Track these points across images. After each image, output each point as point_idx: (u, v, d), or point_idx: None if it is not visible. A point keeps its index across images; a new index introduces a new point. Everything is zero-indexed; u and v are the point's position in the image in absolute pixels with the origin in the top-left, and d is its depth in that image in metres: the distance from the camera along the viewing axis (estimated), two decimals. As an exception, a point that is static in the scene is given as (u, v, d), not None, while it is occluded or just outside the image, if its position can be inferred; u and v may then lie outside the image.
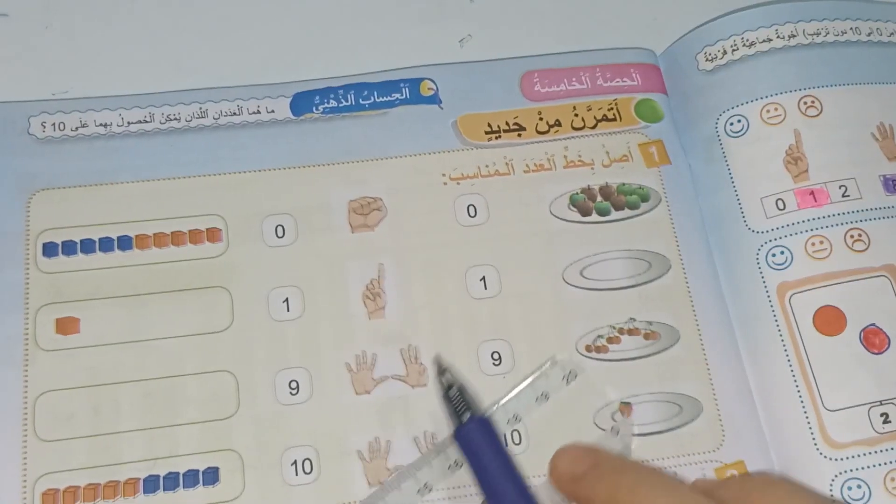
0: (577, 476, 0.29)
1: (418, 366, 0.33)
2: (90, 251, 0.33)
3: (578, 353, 0.33)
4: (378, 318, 0.33)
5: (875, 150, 0.36)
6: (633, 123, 0.37)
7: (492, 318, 0.33)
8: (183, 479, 0.31)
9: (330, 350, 0.33)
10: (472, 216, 0.35)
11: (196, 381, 0.32)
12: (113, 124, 0.35)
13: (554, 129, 0.37)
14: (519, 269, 0.34)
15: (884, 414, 0.32)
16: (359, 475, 0.31)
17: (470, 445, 0.29)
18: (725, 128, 0.37)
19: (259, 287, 0.33)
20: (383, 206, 0.35)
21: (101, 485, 0.30)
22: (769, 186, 0.35)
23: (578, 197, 0.35)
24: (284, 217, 0.34)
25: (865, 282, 0.34)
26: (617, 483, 0.28)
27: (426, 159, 0.36)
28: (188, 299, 0.33)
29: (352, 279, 0.34)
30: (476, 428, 0.29)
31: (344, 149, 0.36)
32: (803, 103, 0.36)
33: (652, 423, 0.32)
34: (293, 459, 0.31)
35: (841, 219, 0.35)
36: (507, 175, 0.36)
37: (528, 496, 0.29)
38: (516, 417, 0.32)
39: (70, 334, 0.32)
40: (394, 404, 0.32)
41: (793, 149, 0.36)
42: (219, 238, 0.34)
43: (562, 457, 0.29)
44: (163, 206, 0.34)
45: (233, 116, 0.36)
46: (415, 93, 0.37)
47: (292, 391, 0.32)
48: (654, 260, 0.35)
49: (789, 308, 0.34)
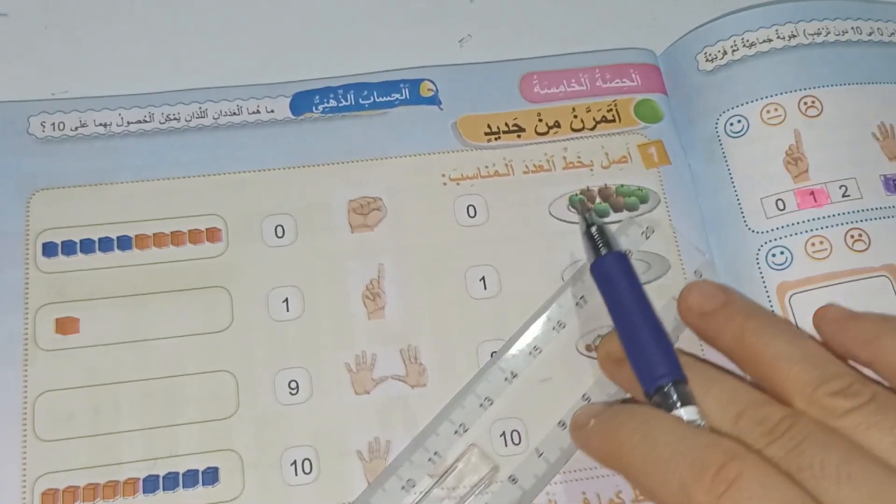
0: (706, 312, 0.31)
1: (418, 366, 0.33)
2: (90, 251, 0.33)
3: (579, 353, 0.33)
4: (378, 319, 0.33)
5: (876, 150, 0.36)
6: (632, 124, 0.37)
7: (492, 319, 0.34)
8: (182, 479, 0.31)
9: (330, 350, 0.33)
10: (472, 217, 0.35)
11: (196, 381, 0.32)
12: (112, 124, 0.35)
13: (553, 130, 0.37)
14: (518, 270, 0.34)
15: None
16: (359, 475, 0.31)
17: (605, 276, 0.31)
18: (725, 128, 0.37)
19: (259, 287, 0.33)
20: (383, 206, 0.35)
21: (100, 485, 0.30)
22: (769, 187, 0.35)
23: (577, 198, 0.35)
24: (284, 217, 0.34)
25: (866, 282, 0.34)
26: (744, 325, 0.29)
27: (426, 160, 0.36)
28: (188, 299, 0.33)
29: (351, 279, 0.34)
30: (613, 260, 0.31)
31: (344, 149, 0.36)
32: (803, 103, 0.36)
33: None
34: (293, 459, 0.31)
35: (841, 219, 0.35)
36: (507, 176, 0.36)
37: (659, 326, 0.30)
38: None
39: (70, 334, 0.32)
40: (393, 404, 0.32)
41: (793, 149, 0.36)
42: (218, 238, 0.34)
43: (693, 292, 0.31)
44: (162, 206, 0.34)
45: (232, 116, 0.36)
46: (414, 93, 0.37)
47: (292, 391, 0.32)
48: (654, 261, 0.35)
49: (789, 308, 0.34)
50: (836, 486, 0.24)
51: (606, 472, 0.31)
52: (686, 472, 0.25)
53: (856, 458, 0.25)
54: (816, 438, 0.25)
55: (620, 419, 0.28)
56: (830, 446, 0.25)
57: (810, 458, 0.25)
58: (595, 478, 0.31)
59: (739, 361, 0.30)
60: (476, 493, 0.30)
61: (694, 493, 0.24)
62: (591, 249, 0.32)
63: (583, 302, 0.33)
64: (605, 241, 0.32)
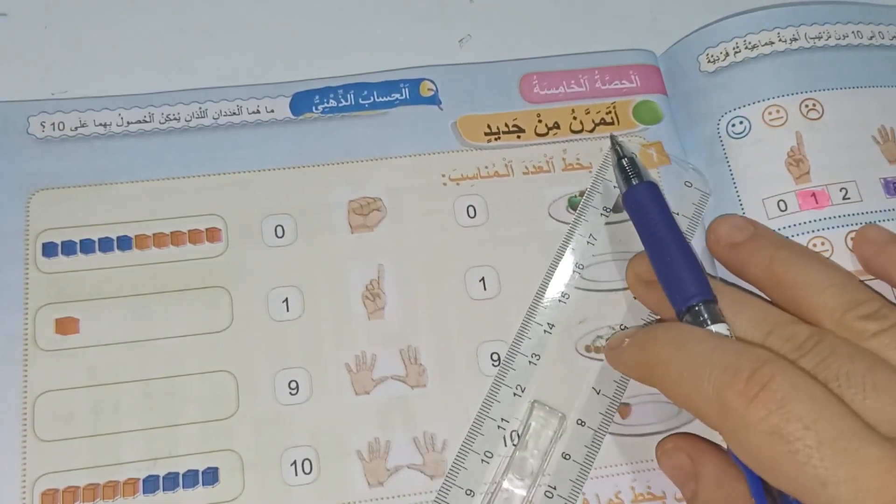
0: (735, 243, 0.32)
1: (418, 366, 0.33)
2: (90, 251, 0.33)
3: (579, 354, 0.33)
4: (378, 319, 0.33)
5: (876, 153, 0.36)
6: (630, 127, 0.37)
7: (491, 319, 0.34)
8: (182, 479, 0.31)
9: (329, 350, 0.33)
10: (472, 217, 0.35)
11: (196, 381, 0.32)
12: (112, 124, 0.35)
13: (553, 131, 0.37)
14: (518, 271, 0.34)
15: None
16: (358, 475, 0.31)
17: (637, 205, 0.32)
18: (727, 129, 0.37)
19: (259, 287, 0.33)
20: (383, 207, 0.35)
21: (100, 485, 0.30)
22: (771, 188, 0.36)
23: (576, 200, 0.36)
24: (284, 217, 0.34)
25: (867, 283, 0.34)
26: (773, 255, 0.31)
27: (426, 160, 0.36)
28: (188, 299, 0.33)
29: (351, 279, 0.34)
30: (644, 189, 0.32)
31: (344, 149, 0.36)
32: (805, 106, 0.36)
33: (651, 424, 0.32)
34: (293, 459, 0.31)
35: (842, 221, 0.35)
36: (507, 176, 0.36)
37: (689, 249, 0.31)
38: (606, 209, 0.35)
39: (70, 334, 0.32)
40: (393, 405, 0.32)
41: (794, 151, 0.36)
42: (218, 238, 0.34)
43: (722, 223, 0.33)
44: (162, 206, 0.34)
45: (232, 116, 0.36)
46: (414, 93, 0.37)
47: (292, 391, 0.32)
48: None
49: None
50: (862, 394, 0.25)
51: (606, 473, 0.32)
52: (720, 377, 0.25)
53: (880, 369, 0.26)
54: (843, 352, 0.26)
55: (654, 334, 0.29)
56: (856, 358, 0.26)
57: (836, 370, 0.26)
58: (595, 478, 0.31)
59: (768, 290, 0.31)
60: (554, 444, 0.31)
61: (728, 396, 0.25)
62: (623, 180, 0.33)
63: (592, 240, 0.34)
64: (637, 171, 0.33)
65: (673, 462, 0.30)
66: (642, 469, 0.32)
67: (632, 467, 0.32)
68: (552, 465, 0.31)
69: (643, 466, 0.32)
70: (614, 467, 0.32)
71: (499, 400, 0.32)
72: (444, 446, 0.32)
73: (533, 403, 0.32)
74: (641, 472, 0.32)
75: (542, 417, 0.32)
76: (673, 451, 0.30)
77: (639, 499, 0.31)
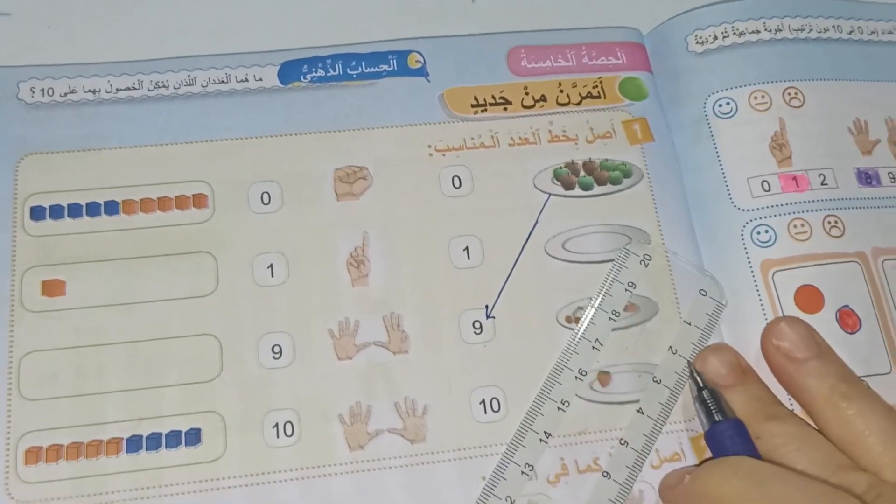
0: (796, 358, 0.31)
1: (400, 333, 0.33)
2: (77, 215, 0.34)
3: (559, 325, 0.34)
4: (362, 286, 0.34)
5: (850, 144, 0.37)
6: (617, 101, 0.37)
7: (474, 288, 0.34)
8: (165, 439, 0.31)
9: (313, 316, 0.33)
10: (457, 187, 0.35)
11: (180, 344, 0.32)
12: (101, 91, 0.36)
13: (539, 103, 0.37)
14: (502, 241, 0.35)
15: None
16: (339, 439, 0.32)
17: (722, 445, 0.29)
18: (714, 108, 0.37)
19: (244, 253, 0.34)
20: (369, 176, 0.35)
21: (83, 444, 0.31)
22: (755, 168, 0.36)
23: (562, 171, 0.36)
24: (270, 184, 0.35)
25: (840, 265, 0.35)
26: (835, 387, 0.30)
27: (412, 130, 0.36)
28: (174, 264, 0.33)
29: (336, 247, 0.34)
30: (731, 428, 0.30)
31: (331, 118, 0.36)
32: (787, 94, 0.37)
33: (630, 393, 0.33)
34: (275, 422, 0.32)
35: (820, 205, 0.35)
36: (493, 148, 0.36)
37: None
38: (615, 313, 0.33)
39: (56, 296, 0.33)
40: (375, 370, 0.33)
41: (778, 135, 0.36)
42: (205, 204, 0.34)
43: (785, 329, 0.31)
44: (150, 172, 0.34)
45: (221, 84, 0.36)
46: (402, 65, 0.37)
47: (275, 355, 0.32)
48: (635, 235, 0.35)
49: (772, 284, 0.34)
50: None
51: (584, 440, 0.32)
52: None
53: None
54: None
55: (722, 470, 0.28)
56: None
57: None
58: (573, 444, 0.32)
59: (822, 421, 0.30)
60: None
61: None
62: (705, 414, 0.30)
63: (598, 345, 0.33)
64: (720, 407, 0.30)
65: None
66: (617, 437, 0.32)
67: (610, 434, 0.32)
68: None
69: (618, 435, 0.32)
70: (593, 434, 0.32)
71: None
72: (424, 411, 0.32)
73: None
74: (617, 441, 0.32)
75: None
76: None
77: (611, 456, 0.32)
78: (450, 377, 0.33)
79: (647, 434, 0.32)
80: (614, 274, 0.34)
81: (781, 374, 0.32)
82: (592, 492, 0.31)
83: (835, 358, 0.31)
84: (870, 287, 0.34)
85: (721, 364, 0.32)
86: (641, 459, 0.31)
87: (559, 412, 0.32)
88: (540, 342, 0.33)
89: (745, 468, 0.28)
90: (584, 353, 0.33)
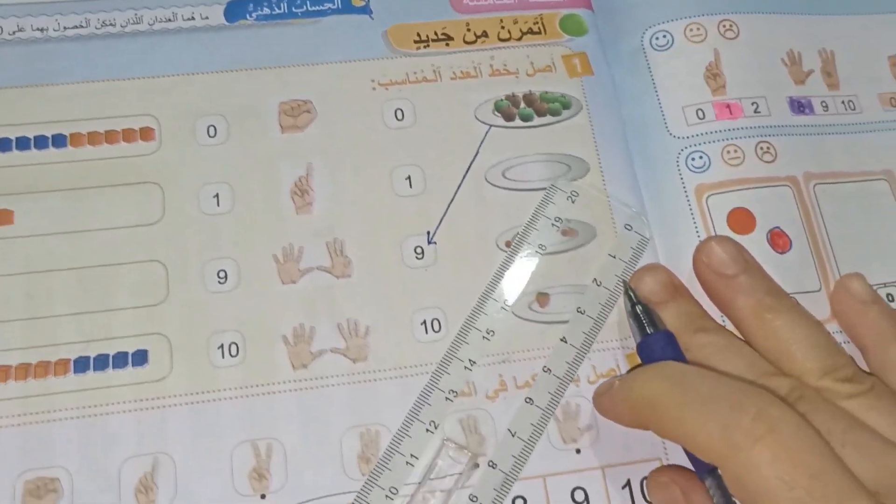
0: (725, 275, 0.32)
1: (343, 258, 0.34)
2: (25, 148, 0.34)
3: (499, 249, 0.34)
4: (305, 214, 0.34)
5: (784, 74, 0.38)
6: (557, 37, 0.38)
7: (416, 215, 0.35)
8: (113, 360, 0.32)
9: (258, 242, 0.34)
10: (400, 119, 0.36)
11: (128, 270, 0.33)
12: (49, 29, 0.36)
13: (481, 39, 0.38)
14: (443, 169, 0.35)
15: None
16: (283, 358, 0.32)
17: (652, 355, 0.30)
18: (651, 42, 0.38)
19: (190, 183, 0.34)
20: (313, 109, 0.36)
21: (32, 364, 0.32)
22: (690, 97, 0.37)
23: (502, 103, 0.37)
24: (216, 118, 0.35)
25: (772, 189, 0.36)
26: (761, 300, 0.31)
27: (356, 66, 0.37)
28: (121, 194, 0.34)
29: (281, 177, 0.35)
30: (660, 340, 0.30)
31: (276, 55, 0.37)
32: (722, 26, 0.38)
33: (566, 312, 0.34)
34: (220, 343, 0.32)
35: (753, 132, 0.36)
36: (435, 81, 0.37)
37: None
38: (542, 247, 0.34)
39: (4, 225, 0.33)
40: (318, 293, 0.33)
41: (712, 65, 0.37)
42: (152, 137, 0.35)
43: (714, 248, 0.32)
44: (97, 107, 0.35)
45: (167, 23, 0.37)
46: (346, 3, 0.38)
47: (220, 280, 0.33)
48: (574, 163, 0.36)
49: (706, 207, 0.35)
50: (841, 451, 0.26)
51: (523, 357, 0.33)
52: (726, 414, 0.25)
53: (858, 428, 0.27)
54: (823, 409, 0.27)
55: (649, 373, 0.29)
56: (836, 416, 0.27)
57: (818, 425, 0.26)
58: (513, 362, 0.33)
59: (749, 333, 0.31)
60: (460, 486, 0.31)
61: (732, 434, 0.25)
62: (638, 328, 0.31)
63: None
64: (652, 321, 0.31)
65: (666, 496, 0.30)
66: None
67: (547, 352, 0.33)
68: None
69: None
70: (531, 351, 0.33)
71: (410, 435, 0.31)
72: (367, 332, 0.33)
73: (444, 441, 0.31)
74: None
75: (452, 457, 0.31)
76: (667, 484, 0.30)
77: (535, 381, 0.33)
78: (391, 299, 0.33)
79: (569, 362, 0.32)
80: (541, 209, 0.35)
81: (712, 291, 0.33)
82: (514, 416, 0.32)
83: (762, 274, 0.32)
84: (801, 209, 0.35)
85: (654, 282, 0.33)
86: (563, 386, 0.32)
87: (484, 341, 0.33)
88: (480, 266, 0.34)
89: (668, 370, 0.29)
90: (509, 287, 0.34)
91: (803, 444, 0.25)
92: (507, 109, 0.37)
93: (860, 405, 0.28)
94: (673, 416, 0.27)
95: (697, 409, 0.26)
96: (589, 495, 0.31)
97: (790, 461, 0.24)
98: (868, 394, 0.28)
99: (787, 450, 0.24)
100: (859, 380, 0.29)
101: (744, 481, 0.25)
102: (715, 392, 0.26)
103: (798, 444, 0.25)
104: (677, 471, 0.30)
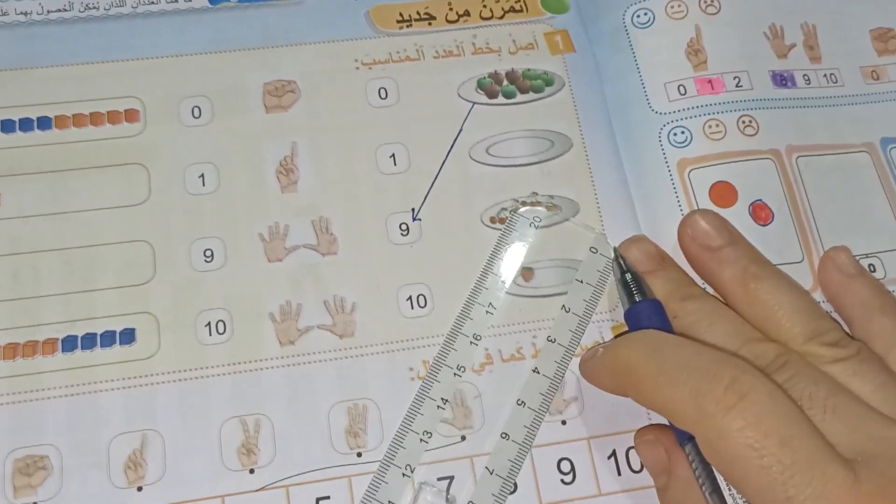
0: (710, 246, 0.32)
1: (329, 236, 0.34)
2: (10, 131, 0.35)
3: (483, 225, 0.35)
4: (291, 192, 0.35)
5: (766, 48, 0.38)
6: (539, 14, 0.39)
7: (401, 192, 0.35)
8: (100, 339, 0.32)
9: (243, 221, 0.34)
10: (383, 98, 0.36)
11: (114, 250, 0.33)
12: (33, 13, 0.36)
13: (463, 18, 0.38)
14: (427, 147, 0.36)
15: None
16: (270, 335, 0.33)
17: (640, 323, 0.31)
18: (633, 19, 0.38)
19: (176, 164, 0.35)
20: (297, 89, 0.36)
21: (20, 344, 0.32)
22: (672, 73, 0.37)
23: (485, 81, 0.37)
24: (201, 99, 0.36)
25: (754, 162, 0.36)
26: (747, 268, 0.31)
27: (339, 46, 0.37)
28: (106, 175, 0.34)
29: (266, 156, 0.35)
30: (648, 307, 0.31)
31: (260, 36, 0.37)
32: (703, 2, 0.39)
33: (552, 286, 0.34)
34: (207, 321, 0.33)
35: (734, 106, 0.37)
36: (418, 60, 0.37)
37: None
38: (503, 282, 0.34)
39: (-10, 206, 0.34)
40: (305, 271, 0.34)
41: (693, 42, 0.38)
42: (136, 118, 0.35)
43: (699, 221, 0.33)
44: (82, 89, 0.35)
45: (150, 5, 0.37)
46: (329, -16, 0.38)
47: (207, 259, 0.33)
48: (557, 139, 0.36)
49: (688, 182, 0.36)
50: (822, 416, 0.26)
51: (508, 331, 0.33)
52: (699, 382, 0.26)
53: (840, 393, 0.27)
54: (807, 373, 0.27)
55: (628, 341, 0.29)
56: (819, 381, 0.27)
57: (800, 391, 0.27)
58: (498, 335, 0.33)
59: (736, 302, 0.31)
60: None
61: (705, 402, 0.25)
62: (626, 296, 0.32)
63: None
64: (640, 289, 0.31)
65: (650, 453, 0.30)
66: (542, 327, 0.33)
67: (533, 325, 0.33)
68: None
69: (542, 325, 0.33)
70: (517, 325, 0.33)
71: (386, 481, 0.30)
72: (353, 308, 0.33)
73: (421, 485, 0.31)
74: (541, 330, 0.33)
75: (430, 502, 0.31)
76: (652, 443, 0.30)
77: (539, 353, 0.33)
78: (377, 276, 0.34)
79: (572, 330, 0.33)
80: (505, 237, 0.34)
81: (697, 263, 0.33)
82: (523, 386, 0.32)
83: (746, 244, 0.33)
84: (783, 182, 0.36)
85: (641, 252, 0.33)
86: (569, 355, 0.32)
87: (487, 315, 0.33)
88: (465, 242, 0.34)
89: (648, 338, 0.29)
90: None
91: (775, 412, 0.25)
92: (490, 87, 0.37)
93: (844, 370, 0.28)
94: (650, 384, 0.27)
95: (672, 377, 0.26)
96: (575, 466, 0.31)
97: (761, 428, 0.24)
98: (852, 359, 0.29)
99: (758, 417, 0.25)
100: (844, 344, 0.29)
101: (717, 448, 0.25)
102: (690, 361, 0.27)
103: (769, 411, 0.25)
104: (663, 430, 0.30)
